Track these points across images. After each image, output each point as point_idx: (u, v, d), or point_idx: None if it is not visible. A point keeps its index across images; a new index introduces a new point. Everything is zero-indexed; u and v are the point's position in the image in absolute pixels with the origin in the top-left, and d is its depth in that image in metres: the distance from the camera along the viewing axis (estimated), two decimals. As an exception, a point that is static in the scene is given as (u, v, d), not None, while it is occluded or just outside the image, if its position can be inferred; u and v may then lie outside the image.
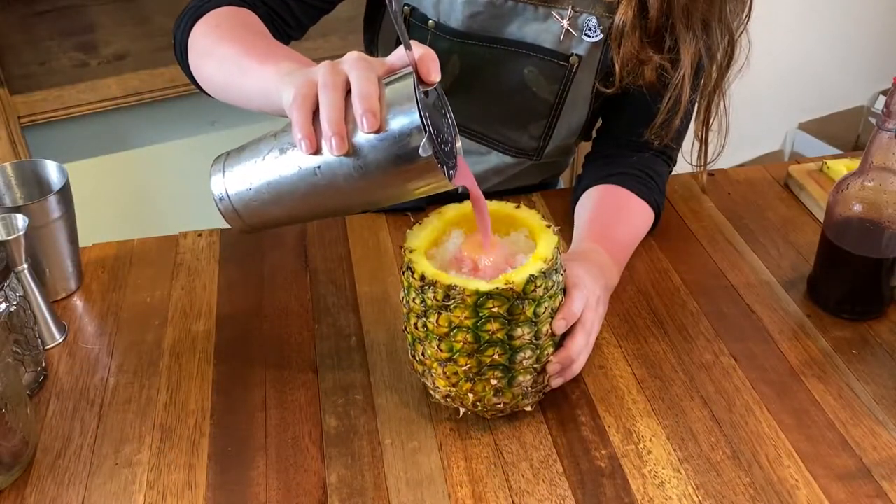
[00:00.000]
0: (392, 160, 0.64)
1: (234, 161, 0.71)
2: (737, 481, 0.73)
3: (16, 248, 0.82)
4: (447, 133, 0.70)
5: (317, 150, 0.66)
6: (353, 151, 0.65)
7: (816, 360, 0.85)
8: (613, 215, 0.97)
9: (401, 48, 0.67)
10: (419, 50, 0.66)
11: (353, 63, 0.66)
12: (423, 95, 0.65)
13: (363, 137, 0.64)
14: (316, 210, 0.72)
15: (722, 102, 0.99)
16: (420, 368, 0.77)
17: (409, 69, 0.66)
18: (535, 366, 0.74)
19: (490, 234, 0.75)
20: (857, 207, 0.85)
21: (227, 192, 0.71)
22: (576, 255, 0.88)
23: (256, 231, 0.75)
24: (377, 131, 0.63)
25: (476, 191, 0.73)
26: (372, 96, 0.63)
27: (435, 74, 0.66)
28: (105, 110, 1.75)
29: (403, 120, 0.64)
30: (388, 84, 0.65)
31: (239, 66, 0.80)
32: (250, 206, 0.71)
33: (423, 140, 0.63)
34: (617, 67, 0.96)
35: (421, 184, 0.67)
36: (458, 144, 0.72)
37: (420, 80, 0.66)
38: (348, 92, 0.65)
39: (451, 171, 0.68)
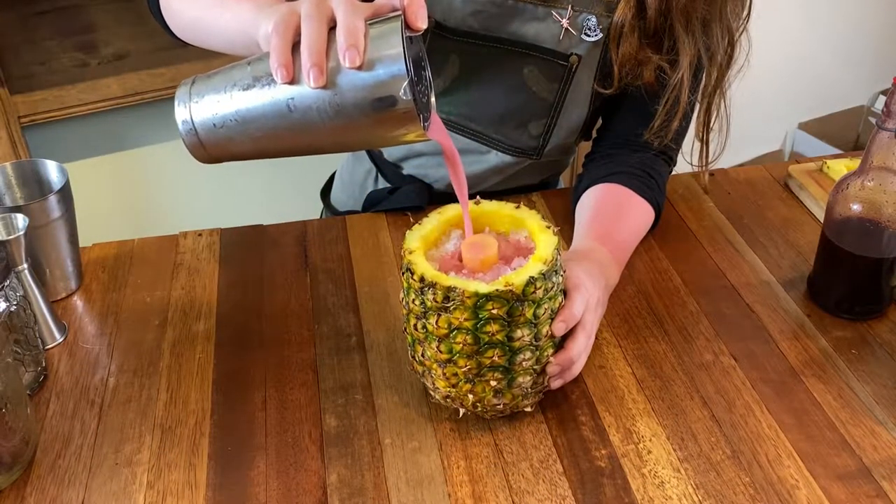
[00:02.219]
0: (370, 101, 0.63)
1: (202, 86, 0.68)
2: (737, 481, 0.73)
3: (16, 248, 0.82)
4: (425, 85, 0.69)
5: (292, 81, 0.64)
6: (330, 87, 0.63)
7: (816, 360, 0.85)
8: (614, 214, 0.97)
9: None
10: None
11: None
12: (408, 40, 0.64)
13: (343, 74, 0.63)
14: (283, 146, 0.69)
15: (722, 103, 0.99)
16: (420, 369, 0.77)
17: (398, 13, 0.64)
18: (535, 367, 0.74)
19: (465, 191, 0.74)
20: (857, 207, 0.85)
21: (191, 119, 0.68)
22: (576, 255, 0.88)
23: (218, 162, 0.72)
24: (359, 68, 0.62)
25: (450, 146, 0.72)
26: (357, 32, 0.62)
27: (422, 21, 0.65)
28: (105, 110, 1.75)
29: (387, 61, 0.62)
30: (373, 24, 0.64)
31: (214, 1, 0.78)
32: (215, 135, 0.68)
33: (405, 84, 0.62)
34: (616, 67, 0.96)
35: (395, 130, 0.65)
36: (433, 99, 0.71)
37: (407, 26, 0.64)
38: (332, 28, 0.64)
39: (426, 123, 0.67)
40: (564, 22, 0.96)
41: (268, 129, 0.66)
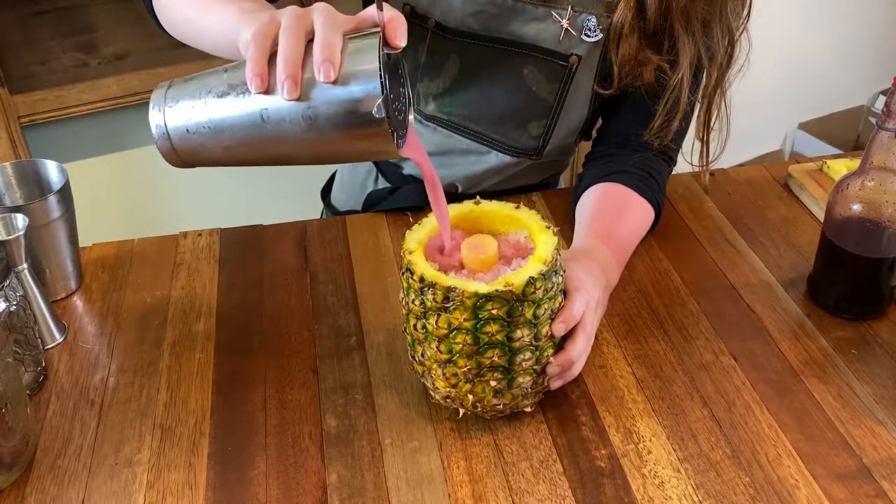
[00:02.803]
0: (343, 116, 0.63)
1: (177, 92, 0.68)
2: (737, 481, 0.73)
3: (16, 248, 0.82)
4: (402, 102, 0.69)
5: (267, 91, 0.63)
6: (304, 100, 0.63)
7: (816, 359, 0.85)
8: (614, 213, 0.97)
9: (370, 8, 0.66)
10: (389, 12, 0.65)
11: (321, 12, 0.64)
12: (385, 57, 0.64)
13: (317, 88, 0.62)
14: (255, 155, 0.68)
15: (723, 103, 0.99)
16: (420, 369, 0.77)
17: (377, 30, 0.64)
18: (535, 367, 0.74)
19: (447, 217, 0.74)
20: (857, 207, 0.85)
21: (164, 124, 0.68)
22: (577, 254, 0.88)
23: (191, 167, 0.71)
24: (333, 83, 0.62)
25: (428, 165, 0.72)
26: (333, 46, 0.62)
27: (401, 39, 0.65)
28: (105, 110, 1.75)
29: (362, 77, 0.62)
30: (352, 39, 0.64)
31: (201, 1, 0.78)
32: (188, 141, 0.68)
33: (379, 101, 0.62)
34: (616, 68, 0.96)
35: (368, 146, 0.65)
36: (411, 118, 0.71)
37: (385, 43, 0.64)
38: (310, 41, 0.64)
39: (401, 141, 0.67)
40: (564, 22, 0.96)
41: (240, 138, 0.66)
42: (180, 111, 0.67)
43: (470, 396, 0.74)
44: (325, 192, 1.28)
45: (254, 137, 0.66)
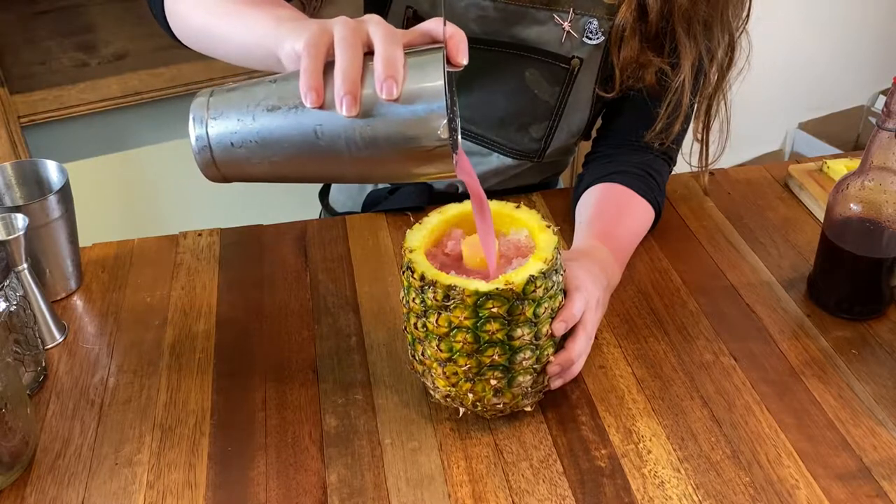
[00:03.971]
0: (404, 136, 0.60)
1: (221, 103, 0.64)
2: (737, 481, 0.73)
3: (16, 248, 0.82)
4: (455, 121, 0.66)
5: (322, 106, 0.60)
6: (363, 117, 0.59)
7: (816, 360, 0.85)
8: (615, 213, 0.97)
9: (427, 23, 0.63)
10: (450, 28, 0.62)
11: (377, 24, 0.61)
12: (448, 76, 0.61)
13: (378, 105, 0.59)
14: (303, 172, 0.65)
15: (723, 104, 0.99)
16: (420, 368, 0.77)
17: (439, 45, 0.61)
18: (535, 366, 0.74)
19: (493, 240, 0.71)
20: (857, 207, 0.85)
21: (207, 136, 0.64)
22: (577, 254, 0.88)
23: (227, 182, 0.68)
24: (395, 100, 0.59)
25: (477, 187, 0.70)
26: (396, 62, 0.59)
27: (464, 57, 0.62)
28: (105, 110, 1.75)
29: (426, 95, 0.59)
30: (411, 55, 0.61)
31: (225, 6, 0.74)
32: (232, 155, 0.64)
33: (444, 122, 0.59)
34: (617, 70, 0.96)
35: (425, 167, 0.62)
36: (459, 137, 0.68)
37: (446, 60, 0.61)
38: (366, 54, 0.61)
39: (455, 162, 0.64)
40: (566, 25, 0.96)
41: (289, 155, 0.63)
42: (225, 123, 0.63)
43: (470, 395, 0.74)
44: (323, 193, 1.28)
45: (304, 154, 0.62)
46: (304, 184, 1.50)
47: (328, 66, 0.61)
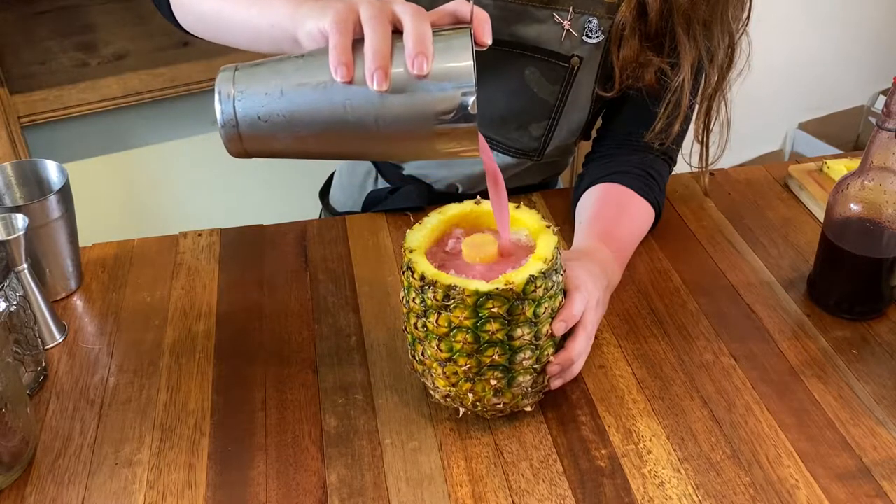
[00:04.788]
0: (434, 113, 0.61)
1: (248, 77, 0.64)
2: (737, 481, 0.73)
3: (16, 248, 0.82)
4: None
5: (351, 81, 0.61)
6: (393, 93, 0.60)
7: (816, 360, 0.85)
8: (615, 213, 0.97)
9: (452, 3, 0.64)
10: (476, 9, 0.63)
11: (404, 4, 0.62)
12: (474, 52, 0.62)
13: (408, 82, 0.60)
14: (329, 148, 0.66)
15: (724, 104, 0.99)
16: (420, 368, 0.77)
17: (466, 26, 0.62)
18: (535, 366, 0.74)
19: (507, 214, 0.72)
20: (857, 207, 0.85)
21: (234, 110, 0.64)
22: (578, 254, 0.88)
23: (249, 157, 0.68)
24: (424, 77, 0.60)
25: (494, 166, 0.70)
26: (426, 39, 0.60)
27: (489, 37, 0.63)
28: (105, 110, 1.75)
29: (455, 73, 0.60)
30: (439, 34, 0.62)
31: None
32: (258, 129, 0.64)
33: (473, 99, 0.60)
34: (617, 70, 0.96)
35: (451, 145, 0.63)
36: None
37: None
38: (394, 32, 0.62)
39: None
40: (566, 24, 0.96)
41: (316, 130, 0.64)
42: (252, 98, 0.64)
43: (470, 395, 0.74)
44: (324, 192, 1.28)
45: (331, 130, 0.63)
46: (303, 182, 1.50)
47: (356, 44, 0.62)
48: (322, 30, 0.64)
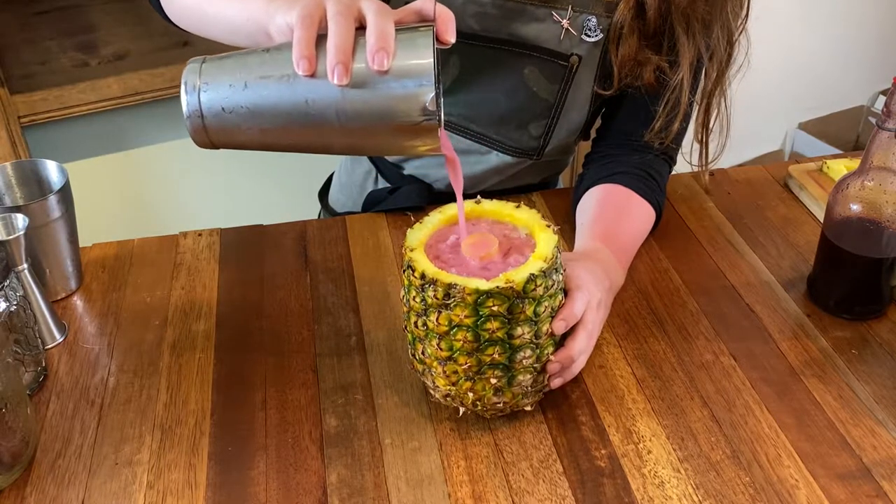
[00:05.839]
0: (393, 109, 0.62)
1: (214, 69, 0.65)
2: (737, 481, 0.73)
3: (16, 248, 0.82)
4: (440, 99, 0.68)
5: (314, 74, 0.62)
6: (353, 87, 0.61)
7: (816, 360, 0.85)
8: (616, 215, 0.97)
9: (418, 2, 0.65)
10: (440, 8, 0.64)
11: (370, 1, 0.63)
12: (437, 50, 0.62)
13: (368, 77, 0.61)
14: (291, 141, 0.67)
15: (723, 102, 0.99)
16: (420, 367, 0.77)
17: (429, 24, 0.63)
18: (535, 365, 0.74)
19: (461, 191, 0.73)
20: (857, 207, 0.85)
21: (199, 101, 0.65)
22: (579, 255, 0.88)
23: (216, 148, 0.69)
24: (385, 73, 0.61)
25: (454, 155, 0.71)
26: (388, 36, 0.61)
27: (452, 35, 0.64)
28: (105, 110, 1.75)
29: (416, 71, 0.61)
30: (402, 31, 0.63)
31: None
32: (222, 121, 0.65)
33: (432, 96, 0.61)
34: (616, 68, 0.96)
35: (411, 141, 0.64)
36: (442, 114, 0.69)
37: (436, 38, 0.63)
38: (358, 28, 0.63)
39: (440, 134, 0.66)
40: (565, 23, 0.96)
41: (279, 123, 0.64)
42: (217, 89, 0.65)
43: (470, 394, 0.74)
44: (323, 193, 1.28)
45: (294, 123, 0.64)
46: (303, 183, 1.50)
47: (321, 39, 0.63)
48: (290, 24, 0.65)
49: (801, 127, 2.63)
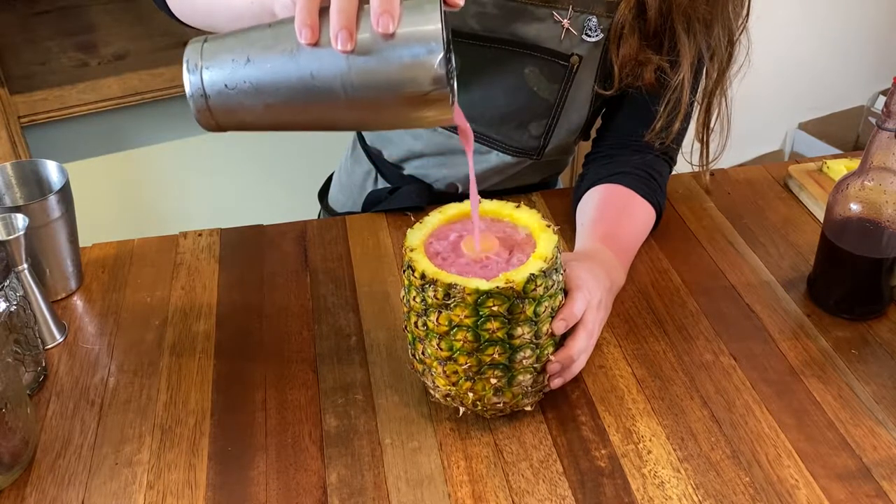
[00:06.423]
0: (401, 77, 0.59)
1: (216, 46, 0.63)
2: (737, 481, 0.73)
3: (16, 248, 0.82)
4: (452, 68, 0.65)
5: (317, 45, 0.60)
6: (359, 55, 0.59)
7: (816, 360, 0.85)
8: (617, 215, 0.97)
9: None
10: None
11: None
12: (444, 16, 0.60)
13: (374, 43, 0.59)
14: (299, 118, 0.65)
15: (724, 101, 0.99)
16: (420, 367, 0.77)
17: None
18: (535, 365, 0.74)
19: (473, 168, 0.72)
20: (857, 207, 0.85)
21: (201, 79, 0.63)
22: (580, 256, 0.88)
23: (223, 130, 0.67)
24: (391, 37, 0.59)
25: (468, 127, 0.70)
26: None
27: None
28: (105, 110, 1.75)
29: (423, 34, 0.58)
30: None
31: None
32: (226, 100, 0.63)
33: (441, 56, 0.58)
34: (616, 68, 0.96)
35: (423, 111, 0.62)
36: (455, 84, 0.67)
37: (444, 1, 0.61)
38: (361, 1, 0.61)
39: (453, 105, 0.64)
40: (565, 22, 0.96)
41: (284, 98, 0.62)
42: (219, 67, 0.63)
43: (470, 394, 0.74)
44: (323, 193, 1.28)
45: (299, 96, 0.62)
46: (303, 183, 1.50)
47: (324, 12, 0.61)
48: None
49: (801, 127, 2.63)
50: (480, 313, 0.70)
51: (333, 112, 0.63)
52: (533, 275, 0.70)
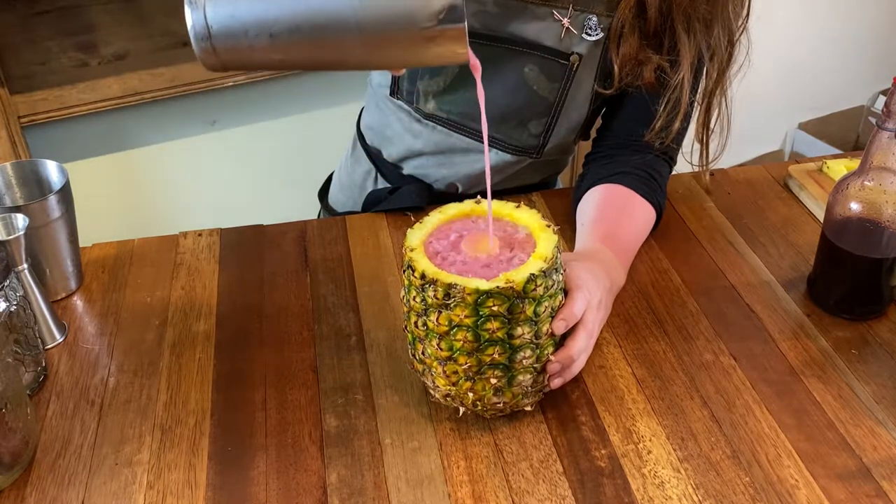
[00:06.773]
0: (417, 10, 0.58)
1: None
2: (737, 481, 0.73)
3: (16, 248, 0.82)
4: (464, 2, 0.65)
5: None
6: None
7: (816, 360, 0.85)
8: (617, 215, 0.97)
9: None
10: None
11: None
12: None
13: None
14: (306, 55, 0.63)
15: (724, 101, 0.99)
16: (420, 367, 0.77)
17: None
18: (535, 365, 0.74)
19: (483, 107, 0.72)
20: (857, 207, 0.85)
21: (205, 18, 0.61)
22: (580, 256, 0.88)
23: (227, 70, 0.65)
24: None
25: (476, 62, 0.69)
26: None
27: None
28: (105, 110, 1.75)
29: None
30: None
31: None
32: (231, 36, 0.62)
33: None
34: (616, 67, 0.96)
35: (437, 47, 0.60)
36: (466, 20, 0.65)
37: None
38: None
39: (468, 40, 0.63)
40: (565, 21, 0.96)
41: (290, 26, 0.61)
42: (225, 4, 0.61)
43: (470, 394, 0.74)
44: (323, 193, 1.28)
45: (307, 31, 0.60)
46: (303, 182, 1.49)
47: None
48: None
49: (801, 127, 2.63)
50: (480, 313, 0.70)
51: (342, 44, 0.61)
52: (533, 275, 0.70)
